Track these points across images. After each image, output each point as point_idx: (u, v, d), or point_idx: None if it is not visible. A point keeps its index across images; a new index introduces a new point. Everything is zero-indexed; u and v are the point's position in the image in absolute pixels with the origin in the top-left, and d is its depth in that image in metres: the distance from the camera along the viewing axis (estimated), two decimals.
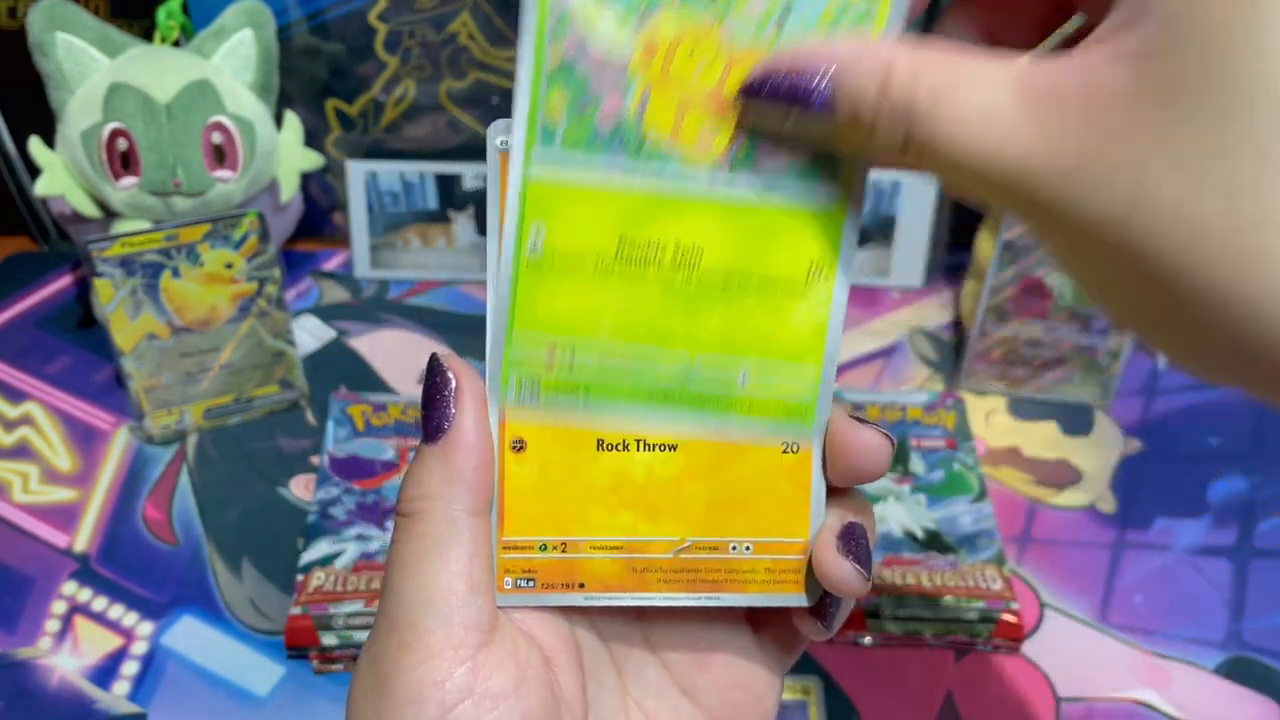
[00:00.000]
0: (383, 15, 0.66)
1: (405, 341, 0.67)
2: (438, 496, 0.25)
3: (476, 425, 0.25)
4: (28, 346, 0.66)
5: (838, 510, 0.27)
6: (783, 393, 0.26)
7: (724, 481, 0.27)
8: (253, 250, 0.58)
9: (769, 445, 0.27)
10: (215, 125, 0.60)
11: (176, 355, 0.58)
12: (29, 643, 0.50)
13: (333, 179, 0.72)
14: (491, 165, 0.26)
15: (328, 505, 0.54)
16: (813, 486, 0.27)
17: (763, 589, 0.27)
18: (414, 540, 0.25)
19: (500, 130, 0.25)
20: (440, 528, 0.25)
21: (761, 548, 0.27)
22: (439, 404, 0.25)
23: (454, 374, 0.26)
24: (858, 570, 0.26)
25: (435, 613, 0.24)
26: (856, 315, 0.70)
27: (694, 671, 0.29)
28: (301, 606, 0.49)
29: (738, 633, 0.29)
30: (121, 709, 0.47)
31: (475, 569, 0.25)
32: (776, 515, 0.27)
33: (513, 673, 0.25)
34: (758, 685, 0.29)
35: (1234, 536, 0.56)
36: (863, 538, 0.26)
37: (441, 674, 0.24)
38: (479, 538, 0.25)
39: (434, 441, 0.25)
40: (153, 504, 0.56)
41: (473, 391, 0.26)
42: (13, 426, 0.61)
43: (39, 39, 0.59)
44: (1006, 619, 0.49)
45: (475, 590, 0.25)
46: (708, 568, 0.27)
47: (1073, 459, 0.61)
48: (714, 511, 0.27)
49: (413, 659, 0.24)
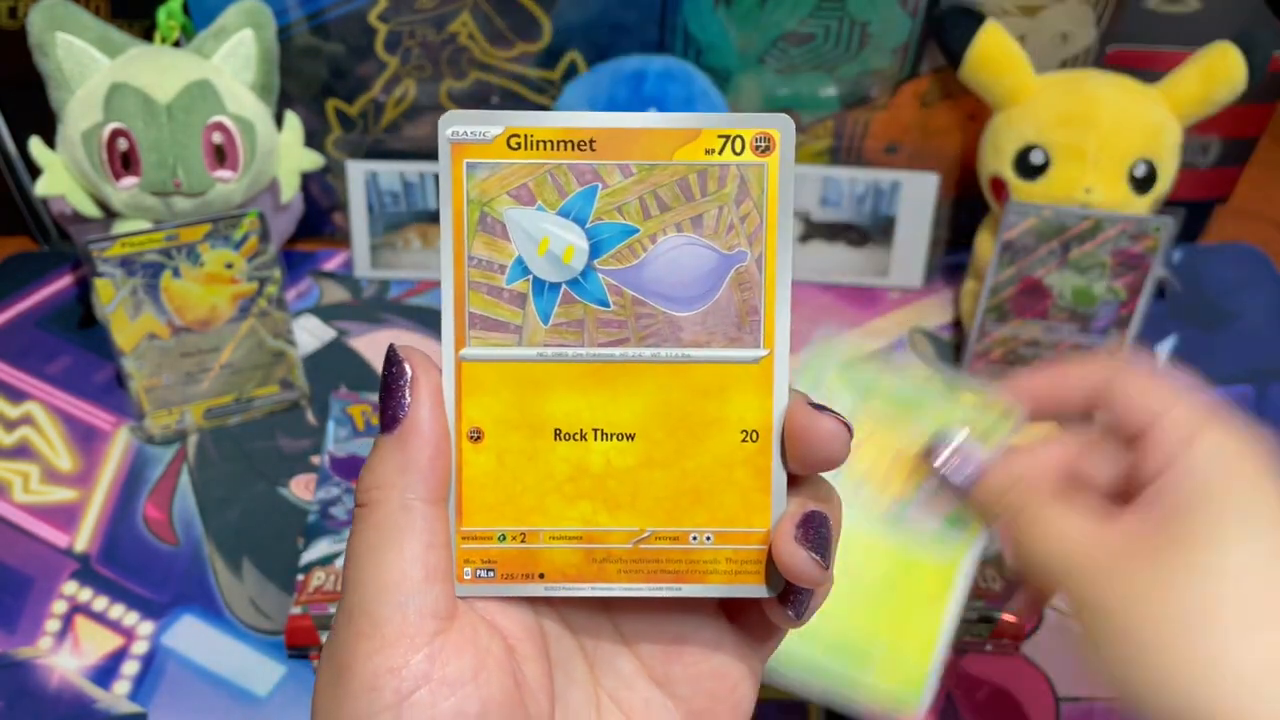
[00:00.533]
0: (383, 15, 0.66)
1: (405, 341, 0.67)
2: (392, 485, 0.25)
3: (431, 415, 0.25)
4: (28, 346, 0.66)
5: (799, 498, 0.27)
6: None
7: (683, 471, 0.27)
8: (253, 250, 0.58)
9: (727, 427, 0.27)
10: (215, 125, 0.60)
11: (177, 355, 0.58)
12: (29, 643, 0.50)
13: (333, 179, 0.72)
14: (443, 154, 0.26)
15: (328, 505, 0.54)
16: (773, 475, 0.27)
17: (724, 579, 0.27)
18: (370, 530, 0.25)
19: (452, 121, 0.26)
20: (395, 516, 0.25)
21: (722, 538, 0.27)
22: (395, 394, 0.26)
23: (410, 364, 0.26)
24: (814, 559, 0.25)
25: (390, 601, 0.24)
26: (856, 315, 0.70)
27: (666, 662, 0.29)
28: (302, 606, 0.49)
29: (710, 622, 0.29)
30: (121, 709, 0.47)
31: (431, 557, 0.25)
32: (737, 505, 0.27)
33: (471, 660, 0.25)
34: (732, 674, 0.29)
35: None
36: (823, 525, 0.26)
37: (397, 661, 0.24)
38: (435, 526, 0.25)
39: (389, 431, 0.25)
40: (153, 504, 0.57)
41: (428, 382, 0.26)
42: (13, 426, 0.61)
43: (39, 39, 0.59)
44: (1006, 619, 0.49)
45: (431, 578, 0.25)
46: (668, 558, 0.27)
47: None
48: (674, 501, 0.27)
49: (369, 648, 0.24)
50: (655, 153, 0.26)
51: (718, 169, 0.26)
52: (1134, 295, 0.60)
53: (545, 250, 0.26)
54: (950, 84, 0.67)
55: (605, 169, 0.26)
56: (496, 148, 0.26)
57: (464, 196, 0.26)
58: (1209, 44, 0.61)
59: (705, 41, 0.67)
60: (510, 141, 0.26)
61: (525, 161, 0.26)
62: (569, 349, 0.26)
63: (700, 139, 0.26)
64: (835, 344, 0.41)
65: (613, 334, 0.26)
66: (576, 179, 0.26)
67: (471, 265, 0.26)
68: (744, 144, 0.26)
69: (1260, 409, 0.63)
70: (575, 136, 0.26)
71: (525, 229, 0.26)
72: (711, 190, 0.26)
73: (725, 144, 0.26)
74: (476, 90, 0.69)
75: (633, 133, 0.26)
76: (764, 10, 0.65)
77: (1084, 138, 0.60)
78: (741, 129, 0.26)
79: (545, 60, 0.68)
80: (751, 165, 0.26)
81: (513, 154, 0.26)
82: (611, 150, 0.26)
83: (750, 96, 0.70)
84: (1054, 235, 0.59)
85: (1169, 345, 0.68)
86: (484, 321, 0.27)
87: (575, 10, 0.66)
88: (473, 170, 0.26)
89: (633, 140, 0.26)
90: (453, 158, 0.26)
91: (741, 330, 0.26)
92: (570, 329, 0.26)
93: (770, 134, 0.26)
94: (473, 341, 0.26)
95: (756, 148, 0.26)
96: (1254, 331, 0.69)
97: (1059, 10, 0.65)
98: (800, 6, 0.65)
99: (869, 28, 0.65)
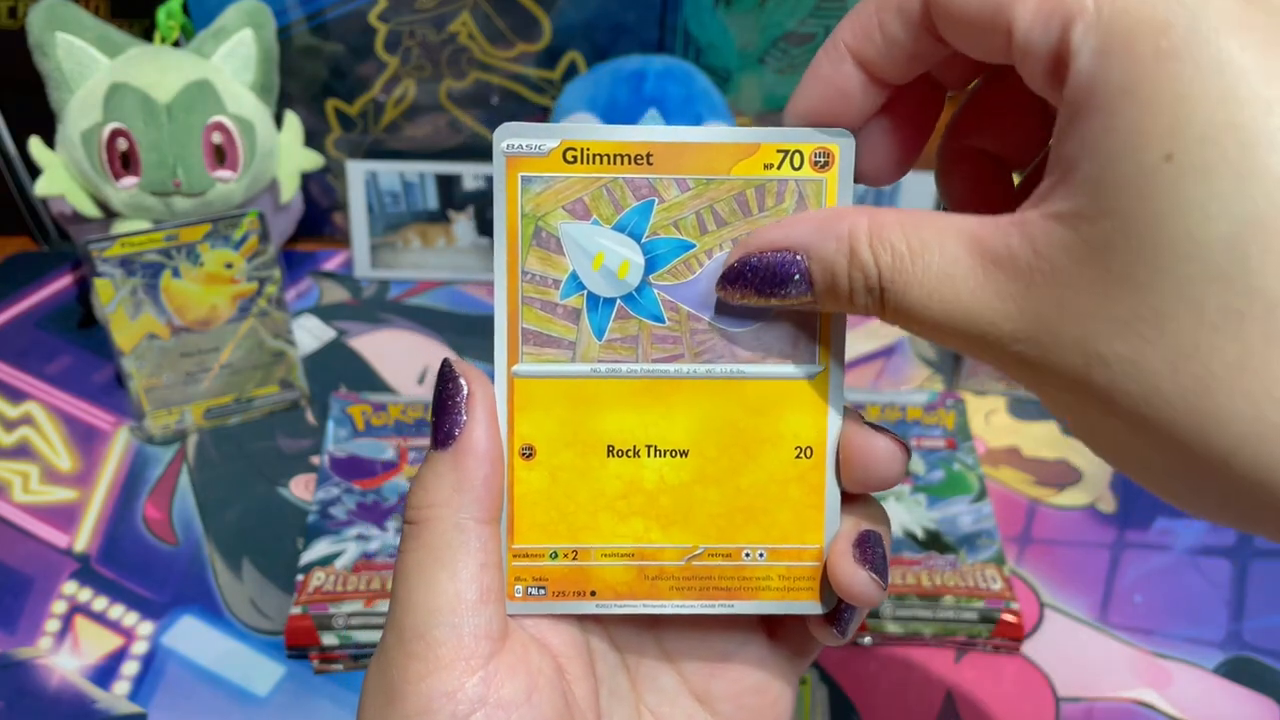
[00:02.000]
0: (383, 15, 0.66)
1: (405, 341, 0.67)
2: (446, 504, 0.25)
3: (487, 433, 0.25)
4: (28, 346, 0.66)
5: (853, 517, 0.27)
6: None
7: (736, 488, 0.27)
8: (253, 250, 0.58)
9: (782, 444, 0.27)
10: (215, 125, 0.60)
11: (176, 355, 0.58)
12: (29, 643, 0.50)
13: (333, 179, 0.72)
14: (498, 168, 0.25)
15: (328, 505, 0.54)
16: (826, 493, 0.27)
17: (777, 596, 0.27)
18: (422, 549, 0.25)
19: (507, 134, 0.25)
20: (449, 536, 0.25)
21: (775, 554, 0.27)
22: (450, 410, 0.25)
23: (465, 380, 0.25)
24: (874, 579, 0.25)
25: (444, 622, 0.24)
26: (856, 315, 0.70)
27: (708, 678, 0.29)
28: (301, 606, 0.49)
29: (752, 639, 0.29)
30: (121, 709, 0.47)
31: (485, 577, 0.25)
32: (790, 522, 0.27)
33: (524, 681, 0.25)
34: (772, 691, 0.29)
35: (1234, 536, 0.56)
36: (879, 545, 0.26)
37: (453, 685, 0.24)
38: (489, 546, 0.25)
39: (444, 448, 0.25)
40: (153, 504, 0.56)
41: (484, 398, 0.25)
42: (13, 426, 0.61)
43: (39, 39, 0.59)
44: (1006, 619, 0.49)
45: (485, 599, 0.25)
46: (721, 575, 0.27)
47: (1073, 459, 0.61)
48: (727, 518, 0.27)
49: (422, 670, 0.24)
50: (713, 167, 0.25)
51: (776, 184, 0.26)
52: None
53: (600, 265, 0.26)
54: None
55: (662, 184, 0.26)
56: (552, 161, 0.25)
57: (519, 210, 0.26)
58: None
59: (705, 41, 0.67)
60: (566, 155, 0.25)
61: (581, 175, 0.26)
62: (623, 365, 0.26)
63: (759, 154, 0.25)
64: None
65: (667, 350, 0.26)
66: (633, 193, 0.26)
67: (525, 280, 0.26)
68: (803, 159, 0.26)
69: None
70: (632, 150, 0.25)
71: (580, 244, 0.26)
72: (769, 205, 0.26)
73: (784, 159, 0.26)
74: (476, 90, 0.69)
75: (691, 147, 0.25)
76: (764, 10, 0.65)
77: None
78: (801, 144, 0.25)
79: (545, 60, 0.68)
80: (810, 180, 0.26)
81: (568, 168, 0.26)
82: (669, 165, 0.25)
83: (750, 96, 0.70)
84: None
85: None
86: (537, 337, 0.26)
87: (575, 10, 0.66)
88: (528, 184, 0.26)
89: (690, 155, 0.25)
90: (508, 171, 0.25)
91: (796, 347, 0.26)
92: (624, 345, 0.26)
93: (829, 149, 0.25)
94: (525, 357, 0.26)
95: (815, 163, 0.26)
96: None
97: None
98: (800, 6, 0.65)
99: None
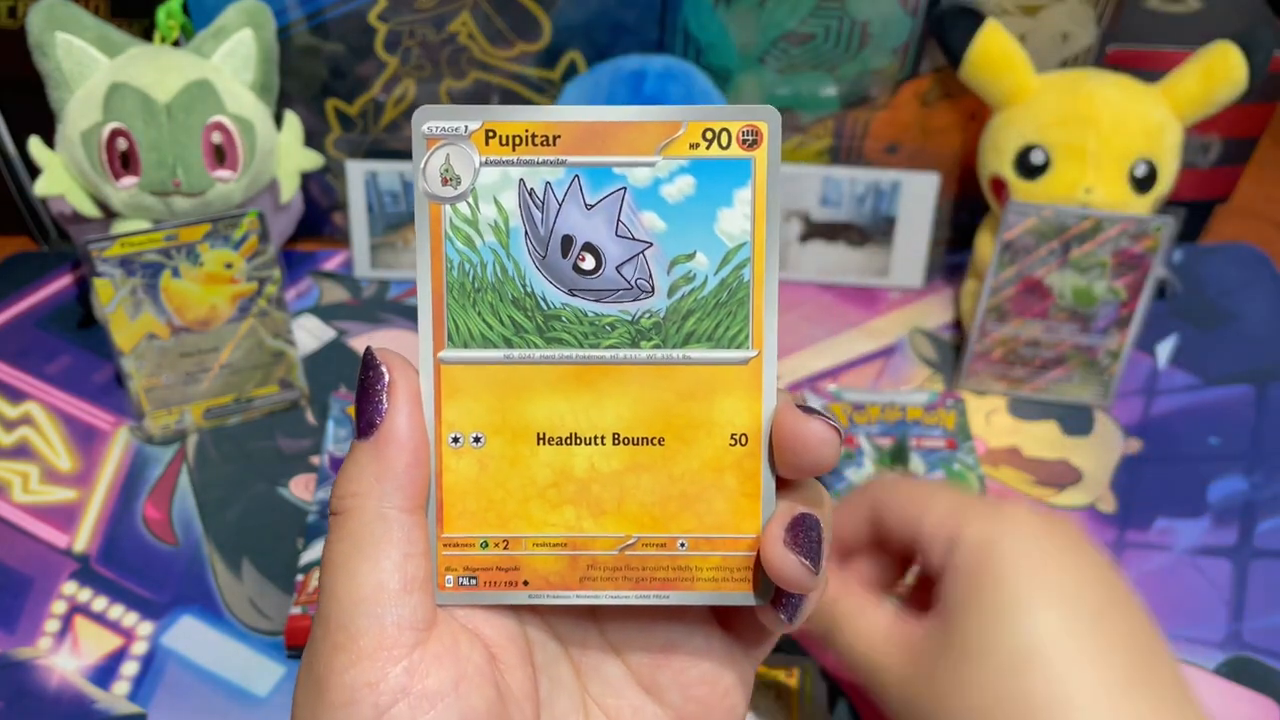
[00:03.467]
0: (383, 15, 0.66)
1: (405, 341, 0.67)
2: (368, 494, 0.24)
3: (409, 421, 0.25)
4: (28, 346, 0.66)
5: (788, 502, 0.26)
6: None
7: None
8: (253, 250, 0.57)
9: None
10: (215, 125, 0.60)
11: (176, 355, 0.58)
12: (29, 643, 0.50)
13: (333, 179, 0.72)
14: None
15: (328, 505, 0.54)
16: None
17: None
18: (345, 539, 0.24)
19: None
20: (371, 526, 0.24)
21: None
22: (371, 398, 0.25)
23: (387, 367, 0.25)
24: (804, 564, 0.25)
25: (367, 612, 0.24)
26: (856, 315, 0.70)
27: (654, 669, 0.28)
28: (301, 606, 0.49)
29: (700, 628, 0.28)
30: (121, 709, 0.47)
31: (409, 566, 0.24)
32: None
33: (451, 671, 0.24)
34: (723, 681, 0.28)
35: (1234, 536, 0.56)
36: (813, 529, 0.25)
37: (375, 675, 0.23)
38: (413, 535, 0.25)
39: (365, 437, 0.25)
40: (153, 504, 0.56)
41: (406, 386, 0.25)
42: (13, 426, 0.61)
43: (39, 39, 0.59)
44: None
45: (409, 588, 0.24)
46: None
47: (1073, 459, 0.61)
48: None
49: (345, 661, 0.24)
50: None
51: None
52: (1134, 295, 0.60)
53: None
54: (950, 83, 0.67)
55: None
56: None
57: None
58: (1210, 44, 0.61)
59: (705, 41, 0.67)
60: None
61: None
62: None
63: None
64: None
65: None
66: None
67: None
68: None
69: (1260, 409, 0.63)
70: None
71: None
72: None
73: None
74: (476, 90, 0.69)
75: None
76: (764, 10, 0.65)
77: (1084, 137, 0.60)
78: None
79: (545, 60, 0.68)
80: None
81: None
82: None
83: (750, 96, 0.70)
84: (1054, 235, 0.59)
85: (1169, 345, 0.68)
86: None
87: (575, 10, 0.66)
88: None
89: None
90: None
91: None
92: None
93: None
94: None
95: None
96: (1254, 331, 0.69)
97: (1059, 10, 0.65)
98: (800, 6, 0.65)
99: (869, 27, 0.65)
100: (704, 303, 0.26)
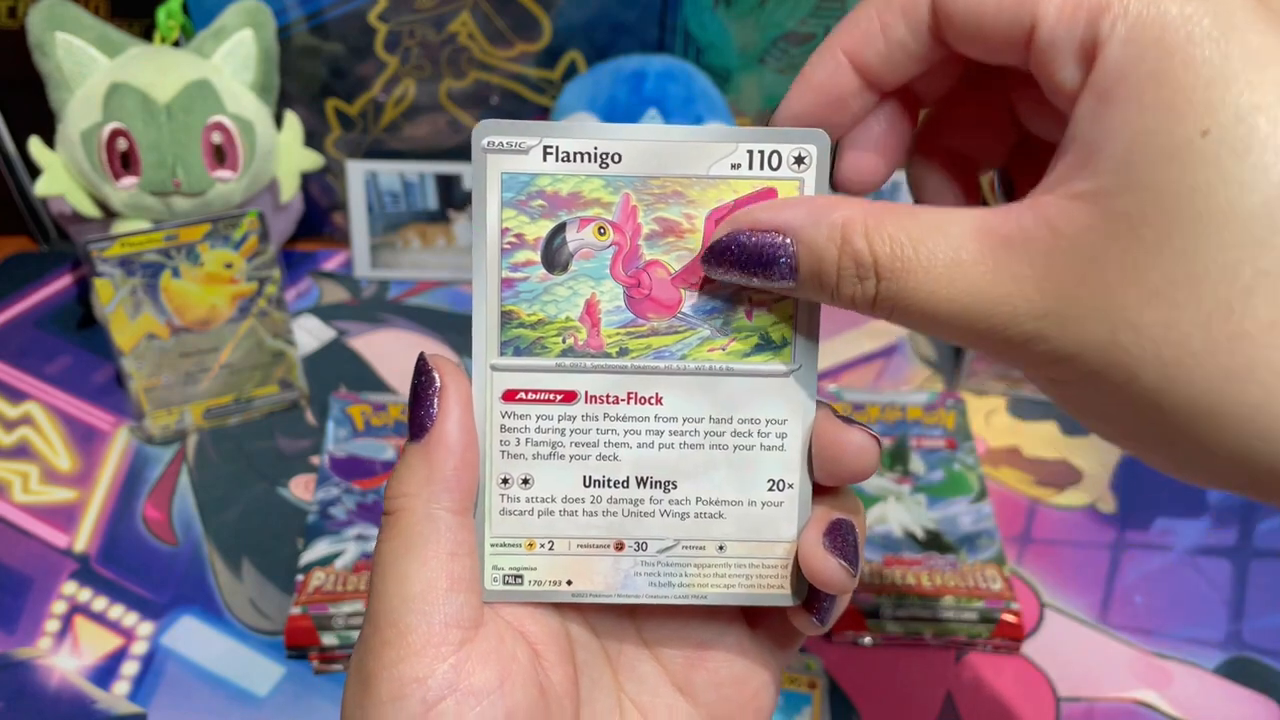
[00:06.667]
0: (383, 15, 0.66)
1: (405, 342, 0.67)
2: (417, 495, 0.25)
3: (459, 425, 0.26)
4: (28, 346, 0.66)
5: (824, 507, 0.27)
6: None
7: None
8: (253, 250, 0.58)
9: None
10: (215, 125, 0.60)
11: (176, 355, 0.58)
12: (29, 643, 0.50)
13: (333, 179, 0.72)
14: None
15: (328, 505, 0.54)
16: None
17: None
18: (395, 539, 0.25)
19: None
20: (420, 525, 0.25)
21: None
22: (423, 403, 0.26)
23: (439, 373, 0.26)
24: (843, 566, 0.26)
25: (415, 610, 0.25)
26: (856, 315, 0.70)
27: (688, 668, 0.29)
28: (301, 606, 0.49)
29: (732, 629, 0.29)
30: (121, 709, 0.47)
31: (456, 566, 0.25)
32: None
33: (497, 669, 0.25)
34: (754, 681, 0.29)
35: (1234, 536, 0.56)
36: (850, 534, 0.26)
37: (423, 671, 0.24)
38: (460, 535, 0.26)
39: (417, 440, 0.26)
40: (153, 504, 0.56)
41: (457, 391, 0.26)
42: (13, 426, 0.61)
43: (39, 39, 0.59)
44: (1006, 619, 0.49)
45: (456, 587, 0.25)
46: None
47: (1073, 459, 0.61)
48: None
49: (394, 656, 0.24)
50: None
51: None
52: None
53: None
54: None
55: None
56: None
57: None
58: None
59: (705, 41, 0.67)
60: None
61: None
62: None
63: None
64: None
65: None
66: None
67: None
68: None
69: None
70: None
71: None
72: None
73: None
74: (476, 90, 0.69)
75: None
76: (764, 10, 0.65)
77: None
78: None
79: (545, 60, 0.68)
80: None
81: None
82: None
83: (750, 96, 0.70)
84: None
85: None
86: None
87: (575, 10, 0.66)
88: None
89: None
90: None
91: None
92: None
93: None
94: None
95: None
96: None
97: None
98: (800, 6, 0.65)
99: None
100: None
